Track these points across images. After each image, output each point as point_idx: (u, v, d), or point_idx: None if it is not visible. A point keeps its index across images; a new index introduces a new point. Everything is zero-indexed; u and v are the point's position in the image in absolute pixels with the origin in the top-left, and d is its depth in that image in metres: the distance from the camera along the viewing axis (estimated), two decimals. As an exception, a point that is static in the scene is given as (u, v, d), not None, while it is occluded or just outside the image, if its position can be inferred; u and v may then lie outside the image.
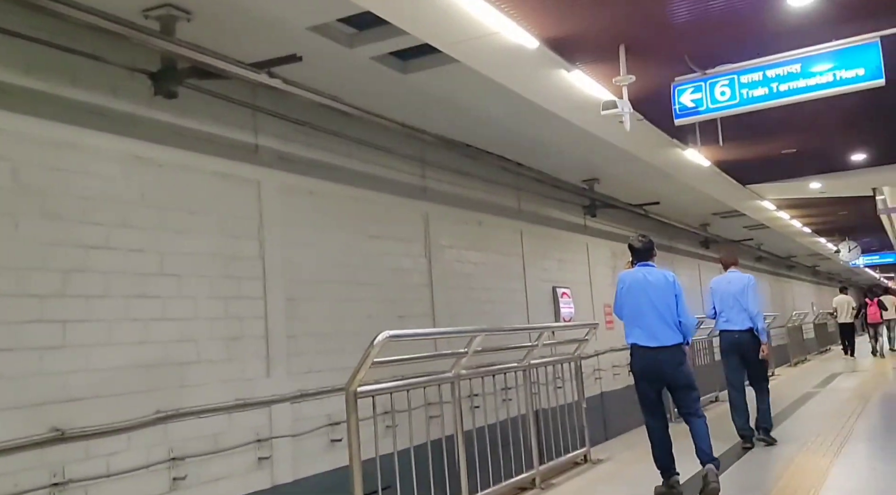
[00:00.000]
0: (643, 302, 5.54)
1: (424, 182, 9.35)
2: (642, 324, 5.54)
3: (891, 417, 8.91)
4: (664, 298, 5.54)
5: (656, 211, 15.07)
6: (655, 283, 5.59)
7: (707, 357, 11.37)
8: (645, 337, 5.54)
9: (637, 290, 5.59)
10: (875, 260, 27.53)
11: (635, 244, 5.83)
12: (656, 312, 5.51)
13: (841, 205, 16.10)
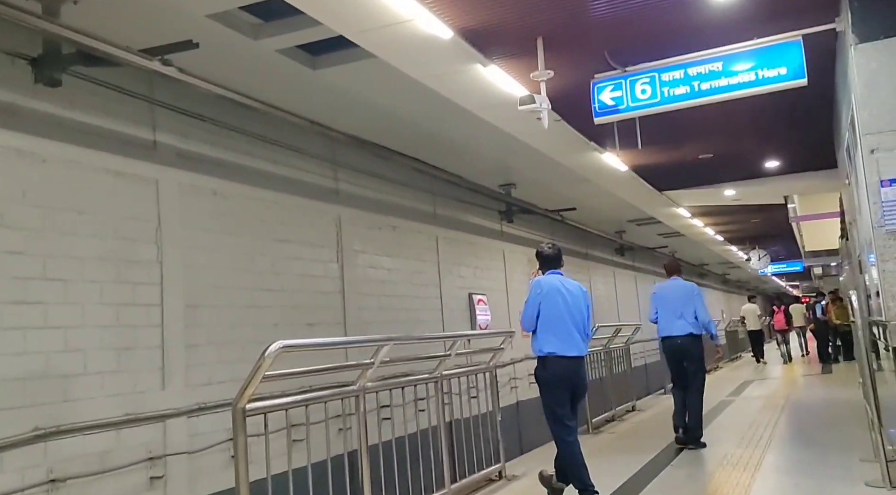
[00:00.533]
0: (562, 310, 5.46)
1: (336, 184, 9.05)
2: (560, 332, 5.46)
3: (806, 427, 9.02)
4: (579, 307, 5.52)
5: (573, 217, 15.13)
6: (572, 292, 5.55)
7: (622, 366, 11.39)
8: (564, 346, 5.46)
9: (555, 298, 5.50)
10: (783, 268, 28.48)
11: (545, 251, 5.78)
12: (573, 321, 5.47)
13: (753, 213, 16.51)
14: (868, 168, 5.32)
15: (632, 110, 6.06)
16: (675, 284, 7.93)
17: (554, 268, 5.72)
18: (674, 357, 7.74)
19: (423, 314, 10.78)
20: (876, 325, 5.88)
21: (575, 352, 5.45)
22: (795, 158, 10.97)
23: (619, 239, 19.53)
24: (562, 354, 5.43)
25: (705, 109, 8.17)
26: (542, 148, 9.13)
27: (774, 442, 7.79)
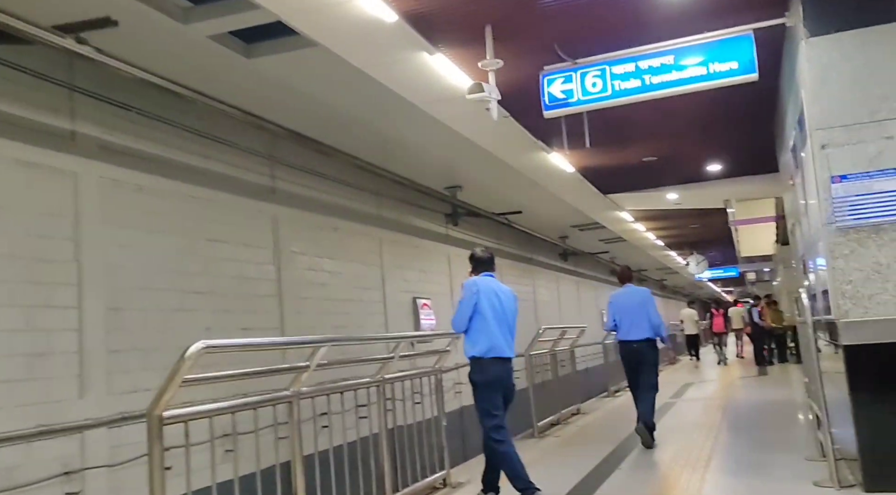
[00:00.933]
0: (498, 311, 5.44)
1: (273, 182, 8.59)
2: (495, 333, 5.40)
3: (749, 428, 8.87)
4: (512, 310, 5.55)
5: (519, 221, 14.89)
6: (505, 294, 5.57)
7: (567, 369, 11.15)
8: (500, 347, 5.42)
9: (491, 299, 5.45)
10: (719, 273, 28.75)
11: (478, 254, 5.76)
12: (506, 323, 5.48)
13: (693, 218, 16.50)
14: (819, 164, 5.12)
15: (582, 104, 5.78)
16: (629, 291, 8.17)
17: (487, 271, 5.68)
18: (631, 361, 7.95)
19: (365, 319, 10.36)
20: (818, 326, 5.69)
21: (509, 353, 5.45)
22: (737, 162, 10.88)
23: (562, 243, 19.39)
24: (498, 355, 5.39)
25: (651, 110, 8.00)
26: (489, 146, 8.82)
27: (720, 443, 7.61)
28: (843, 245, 5.03)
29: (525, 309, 17.32)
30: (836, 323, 5.03)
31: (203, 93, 6.70)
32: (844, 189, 5.03)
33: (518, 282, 16.86)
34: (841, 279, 5.02)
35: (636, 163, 10.26)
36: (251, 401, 4.10)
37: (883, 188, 4.95)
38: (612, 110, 7.22)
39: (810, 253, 6.39)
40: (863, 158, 5.01)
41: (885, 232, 4.95)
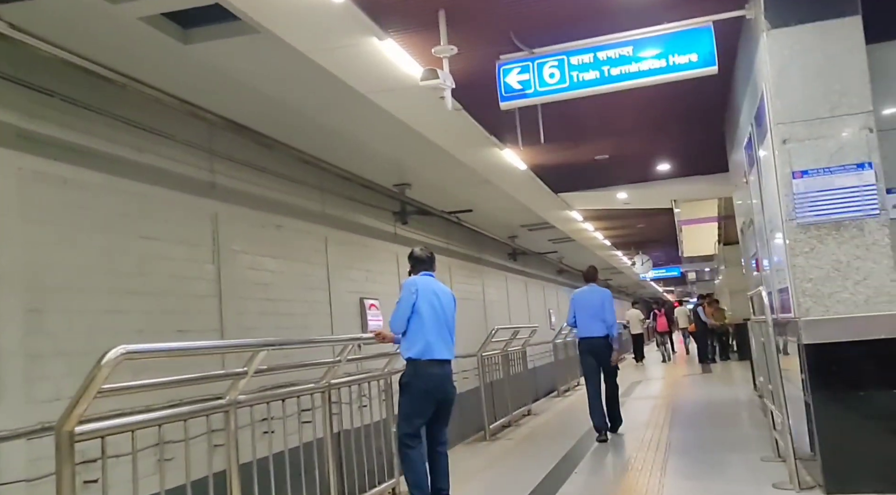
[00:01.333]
0: (437, 311, 5.21)
1: (213, 177, 8.12)
2: (433, 334, 5.16)
3: (700, 427, 8.70)
4: (451, 311, 5.34)
5: (469, 220, 14.60)
6: (444, 294, 5.35)
7: (518, 368, 10.89)
8: (438, 349, 5.16)
9: (430, 298, 5.21)
10: (662, 273, 28.92)
11: (417, 253, 5.54)
12: (446, 324, 5.26)
13: (640, 218, 16.43)
14: (780, 159, 4.92)
15: (540, 95, 5.49)
16: (591, 290, 8.35)
17: (427, 270, 5.47)
18: (590, 356, 8.17)
19: (310, 319, 9.94)
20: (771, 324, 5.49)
21: (447, 355, 5.21)
22: (686, 162, 10.76)
23: (512, 243, 19.19)
24: (435, 357, 5.13)
25: (605, 106, 7.77)
26: (441, 141, 8.48)
27: (674, 443, 7.41)
28: (804, 242, 4.83)
29: (474, 309, 17.12)
30: (797, 321, 4.83)
31: (137, 79, 6.25)
32: (805, 185, 4.83)
33: (467, 281, 16.59)
34: (801, 277, 4.82)
35: (588, 161, 10.04)
36: (181, 412, 3.68)
37: (843, 184, 4.77)
38: (567, 106, 6.97)
39: (765, 251, 6.21)
40: (823, 154, 4.82)
41: (846, 229, 4.77)
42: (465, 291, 16.36)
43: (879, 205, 4.69)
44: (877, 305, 4.67)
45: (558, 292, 27.40)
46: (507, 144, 8.69)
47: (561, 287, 28.12)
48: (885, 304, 4.65)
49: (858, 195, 4.73)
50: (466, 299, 16.32)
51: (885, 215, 4.71)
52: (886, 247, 4.68)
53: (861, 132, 4.75)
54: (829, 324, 4.74)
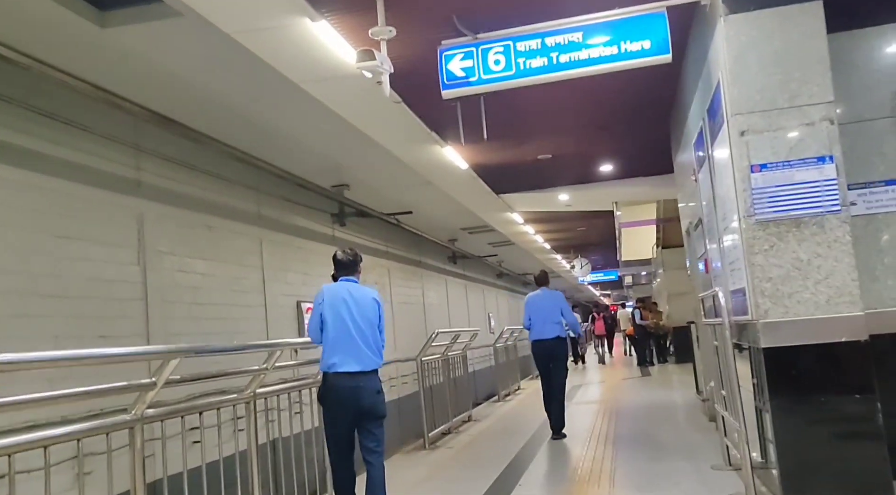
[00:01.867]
0: (346, 320, 4.87)
1: (139, 174, 7.54)
2: (341, 345, 4.85)
3: (646, 433, 8.43)
4: (367, 318, 4.94)
5: (409, 222, 14.18)
6: (360, 301, 4.95)
7: (459, 372, 10.51)
8: (345, 360, 4.83)
9: (338, 307, 4.89)
10: (600, 277, 28.97)
11: (338, 256, 5.20)
12: (358, 332, 4.87)
13: (580, 221, 16.25)
14: (737, 152, 4.63)
15: (484, 83, 5.09)
16: (544, 293, 8.58)
17: (347, 275, 5.13)
18: (543, 357, 8.39)
19: (243, 324, 9.38)
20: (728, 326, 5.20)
21: (357, 367, 4.82)
22: (629, 163, 10.54)
23: (452, 246, 18.84)
24: (342, 370, 4.81)
25: (549, 103, 7.46)
26: (379, 137, 8.03)
27: (621, 451, 7.12)
28: (763, 239, 4.55)
29: (414, 313, 16.69)
30: (755, 324, 4.54)
31: (51, 65, 5.67)
32: (764, 179, 4.56)
33: (407, 285, 16.17)
34: (760, 276, 4.54)
35: (531, 161, 9.73)
36: (73, 432, 3.15)
37: (803, 178, 4.50)
38: (510, 102, 6.63)
39: (717, 251, 5.94)
40: (783, 146, 4.55)
41: (806, 226, 4.50)
42: (405, 295, 15.93)
43: (840, 201, 4.44)
44: (837, 306, 4.41)
45: (497, 296, 27.17)
46: (449, 142, 8.30)
47: (500, 291, 27.91)
48: (846, 305, 4.40)
49: (819, 190, 4.47)
50: (406, 303, 15.90)
51: (847, 211, 4.46)
52: (848, 245, 4.43)
53: (822, 124, 4.49)
54: (789, 326, 4.46)
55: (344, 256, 5.16)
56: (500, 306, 27.23)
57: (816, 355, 4.41)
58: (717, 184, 5.47)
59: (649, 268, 25.60)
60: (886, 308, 4.78)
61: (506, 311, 27.97)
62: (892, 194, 4.85)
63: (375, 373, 4.93)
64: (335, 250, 5.28)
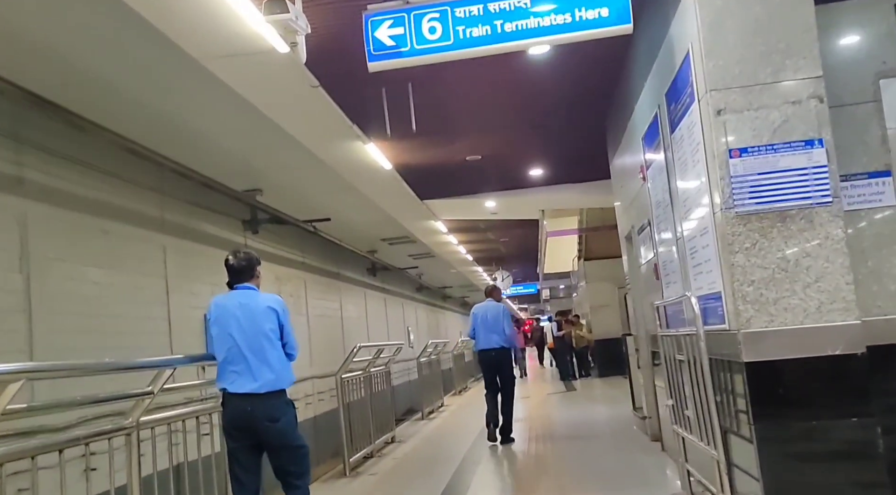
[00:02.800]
0: (234, 335, 4.27)
1: (21, 170, 6.36)
2: (231, 363, 4.26)
3: (587, 458, 7.63)
4: (263, 331, 4.28)
5: (327, 230, 13.16)
6: (253, 311, 4.32)
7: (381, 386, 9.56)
8: (236, 380, 4.24)
9: (226, 321, 4.32)
10: (520, 290, 28.47)
11: (230, 261, 4.57)
12: (249, 348, 4.25)
13: (505, 231, 15.61)
14: (712, 135, 3.92)
15: (418, 54, 4.25)
16: (489, 305, 8.74)
17: (242, 282, 4.49)
18: (489, 367, 8.63)
19: (144, 339, 8.20)
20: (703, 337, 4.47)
21: (248, 388, 4.20)
22: (561, 167, 9.88)
23: (371, 257, 17.88)
24: (231, 391, 4.25)
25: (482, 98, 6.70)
26: (294, 129, 7.03)
27: (567, 480, 6.32)
28: (744, 236, 3.84)
29: (332, 327, 15.60)
30: (736, 334, 3.82)
31: None
32: (744, 166, 3.85)
33: (324, 297, 15.10)
34: (741, 279, 3.82)
35: (460, 162, 8.94)
36: None
37: (789, 164, 3.82)
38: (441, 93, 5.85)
39: (673, 254, 5.24)
40: (766, 127, 3.86)
41: (792, 220, 3.81)
42: (322, 308, 14.86)
43: (832, 192, 3.78)
44: (830, 313, 3.72)
45: (417, 309, 26.26)
46: (372, 137, 7.40)
47: (420, 304, 27.01)
48: (839, 312, 3.72)
49: (807, 179, 3.80)
50: (323, 316, 14.82)
51: (839, 203, 3.79)
52: (841, 243, 3.76)
53: (810, 102, 3.83)
54: (775, 336, 3.75)
55: (236, 261, 4.51)
56: (419, 320, 26.32)
57: (806, 370, 3.71)
58: (678, 177, 4.76)
59: (568, 282, 25.24)
60: (871, 316, 4.11)
61: (425, 326, 27.10)
62: (877, 188, 4.21)
63: (277, 396, 4.26)
64: (227, 254, 4.55)
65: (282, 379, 4.29)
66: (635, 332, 8.01)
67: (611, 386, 15.91)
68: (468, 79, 4.53)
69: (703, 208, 4.18)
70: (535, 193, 10.87)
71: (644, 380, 7.70)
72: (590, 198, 10.73)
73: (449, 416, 12.52)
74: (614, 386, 15.79)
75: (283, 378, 4.31)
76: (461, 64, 4.68)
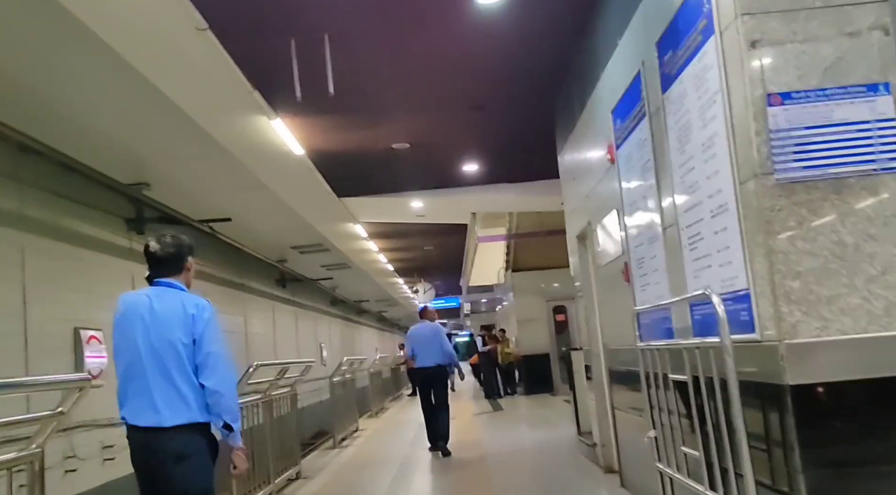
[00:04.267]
0: (139, 349, 3.22)
1: None
2: (134, 386, 3.22)
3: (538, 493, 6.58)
4: (171, 342, 3.22)
5: (228, 232, 11.77)
6: (164, 316, 3.27)
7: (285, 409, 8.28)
8: (136, 408, 3.20)
9: (129, 328, 3.28)
10: (441, 303, 27.46)
11: (151, 248, 3.50)
12: (157, 367, 3.20)
13: (430, 238, 14.57)
14: (744, 75, 2.94)
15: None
16: (426, 325, 9.27)
17: (165, 275, 3.45)
18: (426, 383, 9.20)
19: (-9, 357, 6.76)
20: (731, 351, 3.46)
21: (150, 420, 3.15)
22: (499, 160, 8.86)
23: (281, 266, 16.50)
24: (131, 422, 3.22)
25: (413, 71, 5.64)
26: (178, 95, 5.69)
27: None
28: (787, 212, 2.86)
29: (235, 344, 14.15)
30: (776, 347, 2.82)
31: None
32: (788, 117, 2.88)
33: (227, 310, 13.64)
34: (784, 270, 2.83)
35: (384, 150, 7.81)
36: None
37: (846, 116, 2.87)
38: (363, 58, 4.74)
39: (658, 248, 4.26)
40: (815, 66, 2.90)
41: (851, 190, 2.86)
42: (224, 323, 13.34)
43: (903, 153, 2.84)
44: (903, 316, 2.77)
45: (331, 325, 24.85)
46: (280, 110, 6.19)
47: (334, 319, 25.61)
48: (916, 315, 2.77)
49: (870, 136, 2.85)
50: (225, 332, 13.31)
51: (913, 168, 2.85)
52: (917, 221, 2.82)
53: (872, 34, 2.89)
54: (831, 349, 2.78)
55: (160, 247, 3.47)
56: (332, 336, 24.92)
57: (876, 398, 2.75)
58: (673, 146, 3.78)
59: (491, 295, 24.38)
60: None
61: (339, 342, 25.70)
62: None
63: (189, 431, 3.17)
64: (149, 239, 3.54)
65: (195, 409, 3.20)
66: (587, 346, 7.02)
67: (540, 405, 14.99)
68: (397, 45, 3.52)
69: (720, 180, 3.19)
70: (468, 193, 9.84)
71: (597, 402, 6.72)
72: (528, 199, 9.79)
73: (364, 443, 11.28)
74: (544, 405, 14.88)
75: (197, 408, 3.20)
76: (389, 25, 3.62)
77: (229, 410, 3.27)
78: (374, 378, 16.35)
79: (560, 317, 16.82)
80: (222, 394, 3.23)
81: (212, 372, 3.22)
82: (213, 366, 3.24)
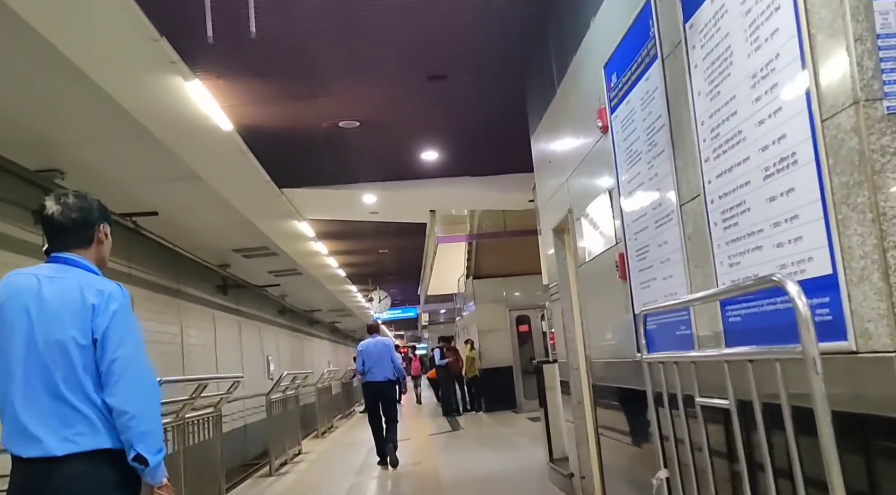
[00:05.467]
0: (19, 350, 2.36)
1: None
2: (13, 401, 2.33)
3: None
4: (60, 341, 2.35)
5: (161, 232, 10.63)
6: (53, 305, 2.38)
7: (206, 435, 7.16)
8: (14, 435, 2.32)
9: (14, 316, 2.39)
10: (398, 314, 26.40)
11: (48, 210, 2.54)
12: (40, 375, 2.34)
13: (384, 240, 13.57)
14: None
15: None
16: (376, 340, 9.57)
17: (63, 248, 2.54)
18: (375, 397, 9.49)
19: None
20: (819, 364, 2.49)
21: (36, 450, 2.29)
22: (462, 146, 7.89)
23: (223, 271, 15.33)
24: (16, 453, 2.34)
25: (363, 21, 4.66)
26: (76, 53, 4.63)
27: None
28: (901, 155, 1.93)
29: (169, 356, 12.95)
30: (892, 359, 1.88)
31: None
32: (903, 15, 1.95)
33: (159, 319, 12.45)
34: (898, 239, 1.90)
35: (330, 129, 6.78)
36: None
37: None
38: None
39: (672, 228, 3.32)
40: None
41: None
42: (157, 332, 12.19)
43: None
44: None
45: (278, 336, 23.60)
46: (198, 69, 5.12)
47: (282, 329, 24.36)
48: None
49: None
50: (157, 343, 12.15)
51: None
52: None
53: None
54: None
55: (59, 209, 2.54)
56: (281, 348, 23.67)
57: None
58: (701, 87, 2.84)
59: (450, 305, 23.44)
60: None
61: (288, 354, 24.46)
62: None
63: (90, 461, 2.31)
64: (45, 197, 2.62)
65: (101, 432, 2.34)
66: (563, 358, 6.07)
67: (503, 423, 14.01)
68: None
69: (784, 120, 2.26)
70: (427, 187, 8.87)
71: (575, 425, 5.77)
72: (492, 196, 8.86)
73: (307, 470, 10.14)
74: (506, 423, 13.91)
75: (108, 427, 2.35)
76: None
77: (144, 436, 2.34)
78: (321, 394, 15.18)
79: (523, 327, 15.94)
80: (132, 415, 2.33)
81: (118, 386, 2.35)
82: (121, 376, 2.36)
